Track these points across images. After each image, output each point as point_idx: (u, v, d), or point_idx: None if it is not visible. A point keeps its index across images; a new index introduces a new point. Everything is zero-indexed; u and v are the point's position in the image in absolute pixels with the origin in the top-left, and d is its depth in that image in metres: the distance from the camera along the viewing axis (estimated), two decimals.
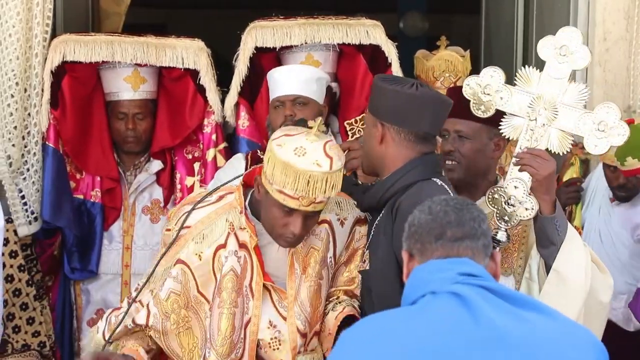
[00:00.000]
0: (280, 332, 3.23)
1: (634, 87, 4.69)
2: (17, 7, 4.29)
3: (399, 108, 3.06)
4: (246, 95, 4.55)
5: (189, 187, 4.59)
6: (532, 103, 3.30)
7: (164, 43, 4.50)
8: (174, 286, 3.19)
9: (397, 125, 3.07)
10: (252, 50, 4.46)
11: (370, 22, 4.50)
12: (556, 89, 3.32)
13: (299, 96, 4.03)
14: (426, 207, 2.33)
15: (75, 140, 4.53)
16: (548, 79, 3.33)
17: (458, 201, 2.33)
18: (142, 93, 4.56)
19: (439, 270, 2.24)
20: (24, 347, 4.24)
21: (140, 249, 4.60)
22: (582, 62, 3.35)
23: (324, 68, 4.51)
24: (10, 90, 4.32)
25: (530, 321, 2.19)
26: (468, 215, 2.29)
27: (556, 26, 5.11)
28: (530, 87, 3.34)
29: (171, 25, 10.19)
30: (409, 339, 2.15)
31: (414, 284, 2.26)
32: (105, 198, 4.58)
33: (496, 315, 2.16)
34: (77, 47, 4.43)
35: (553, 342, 2.18)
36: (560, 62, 3.33)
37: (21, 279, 4.30)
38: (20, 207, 4.40)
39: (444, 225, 2.28)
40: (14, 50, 4.30)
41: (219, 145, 4.57)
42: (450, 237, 2.27)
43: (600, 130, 3.29)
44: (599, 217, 4.53)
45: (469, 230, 2.28)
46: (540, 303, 2.29)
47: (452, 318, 2.17)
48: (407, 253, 2.33)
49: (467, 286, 2.20)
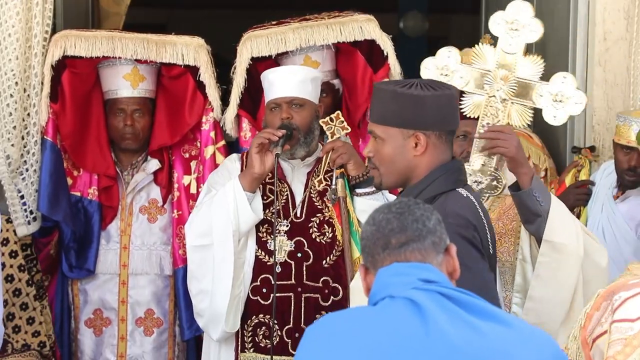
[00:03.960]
0: None
1: (634, 87, 4.68)
2: (16, 6, 4.30)
3: (441, 111, 2.95)
4: (246, 104, 4.55)
5: (186, 186, 4.59)
6: (490, 79, 3.31)
7: (164, 40, 4.51)
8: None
9: (439, 129, 2.95)
10: (248, 61, 4.46)
11: (363, 17, 4.49)
12: (511, 63, 3.33)
13: (295, 98, 4.03)
14: (371, 218, 2.31)
15: (73, 135, 4.53)
16: (502, 54, 3.34)
17: (400, 205, 2.29)
18: (141, 91, 4.56)
19: (400, 274, 2.23)
20: (24, 347, 4.24)
21: (137, 248, 4.59)
22: (534, 35, 3.37)
23: (323, 67, 4.52)
24: (9, 90, 4.33)
25: (484, 332, 2.16)
26: (410, 218, 2.26)
27: (556, 26, 5.15)
28: (486, 64, 3.35)
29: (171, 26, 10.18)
30: (364, 341, 2.16)
31: (378, 285, 2.25)
32: (102, 196, 4.57)
33: (449, 327, 2.15)
34: (77, 41, 4.43)
35: (507, 354, 2.15)
36: (512, 37, 3.35)
37: (21, 278, 4.30)
38: (19, 207, 4.40)
39: (387, 234, 2.25)
40: (14, 50, 4.31)
41: (218, 142, 4.57)
42: (395, 245, 2.25)
43: (558, 101, 3.31)
44: (602, 215, 4.52)
45: (412, 233, 2.25)
46: (498, 311, 2.26)
47: (404, 326, 2.16)
48: (364, 267, 2.32)
49: (424, 292, 2.19)
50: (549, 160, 4.88)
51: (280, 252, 4.04)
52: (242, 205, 3.93)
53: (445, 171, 2.94)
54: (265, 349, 4.04)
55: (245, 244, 4.04)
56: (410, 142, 2.93)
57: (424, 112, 2.92)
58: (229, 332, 4.05)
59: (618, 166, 4.41)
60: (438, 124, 2.94)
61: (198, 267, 4.05)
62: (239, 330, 4.07)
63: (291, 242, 4.05)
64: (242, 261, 4.03)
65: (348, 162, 3.93)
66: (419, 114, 2.92)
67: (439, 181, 2.93)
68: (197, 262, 4.05)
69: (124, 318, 4.59)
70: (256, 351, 4.08)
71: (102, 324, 4.60)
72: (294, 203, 4.10)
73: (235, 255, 3.96)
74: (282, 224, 4.07)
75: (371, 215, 2.32)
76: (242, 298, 4.04)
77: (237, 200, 3.93)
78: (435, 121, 2.93)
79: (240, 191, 3.94)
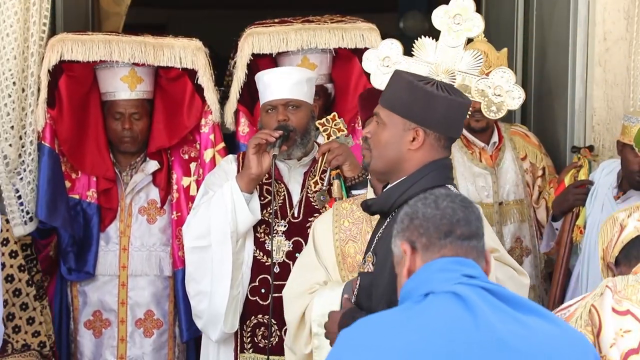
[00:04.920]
0: None
1: (634, 87, 4.67)
2: (14, 6, 4.29)
3: (449, 116, 2.95)
4: (245, 100, 4.56)
5: (185, 188, 4.59)
6: (431, 72, 3.33)
7: (161, 43, 4.50)
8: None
9: (441, 132, 2.94)
10: (249, 57, 4.46)
11: (365, 26, 4.50)
12: (452, 57, 3.35)
13: (291, 100, 4.03)
14: (431, 200, 2.28)
15: (71, 139, 4.52)
16: (444, 48, 3.36)
17: (462, 199, 2.30)
18: (138, 93, 4.56)
19: (443, 270, 2.22)
20: (24, 347, 4.24)
21: (137, 250, 4.59)
22: (476, 29, 3.39)
23: (319, 70, 4.53)
24: (7, 90, 4.32)
25: (529, 325, 2.17)
26: (473, 215, 2.27)
27: (556, 26, 5.14)
28: (427, 57, 3.37)
29: (171, 26, 10.18)
30: (409, 340, 2.13)
31: (417, 281, 2.23)
32: (102, 199, 4.57)
33: (496, 319, 2.15)
34: (74, 46, 4.42)
35: (552, 347, 2.16)
36: (455, 31, 3.37)
37: (21, 279, 4.30)
38: (16, 207, 4.40)
39: (453, 222, 2.24)
40: (12, 50, 4.30)
41: (217, 145, 4.56)
42: (459, 236, 2.24)
43: (497, 95, 3.34)
44: (602, 214, 4.51)
45: (475, 230, 2.26)
46: (539, 307, 2.26)
47: (453, 319, 2.14)
48: (409, 245, 2.27)
49: (468, 287, 2.18)
50: (546, 159, 4.88)
51: (279, 253, 4.04)
52: (239, 205, 3.93)
53: (437, 167, 2.94)
54: (264, 349, 4.04)
55: (243, 244, 4.04)
56: (409, 135, 2.92)
57: (432, 111, 2.92)
58: (228, 332, 4.05)
59: (627, 167, 4.35)
60: (441, 126, 2.93)
61: (196, 269, 4.04)
62: (238, 331, 4.08)
63: (289, 243, 4.05)
64: (241, 262, 4.03)
65: (344, 164, 3.93)
66: (427, 110, 2.92)
67: (432, 175, 2.93)
68: (195, 264, 4.04)
69: (123, 319, 4.58)
70: (255, 351, 4.08)
71: (102, 326, 4.60)
72: (291, 203, 4.10)
73: (233, 255, 3.97)
74: (280, 224, 4.07)
75: (429, 197, 2.28)
76: (241, 299, 4.04)
77: (234, 201, 3.93)
78: (439, 122, 2.93)
79: (237, 192, 3.94)
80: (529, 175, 4.82)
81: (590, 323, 2.67)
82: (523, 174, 4.80)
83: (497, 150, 4.77)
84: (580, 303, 2.74)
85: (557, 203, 4.59)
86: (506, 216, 4.73)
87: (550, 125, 5.20)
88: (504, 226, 4.71)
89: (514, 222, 4.75)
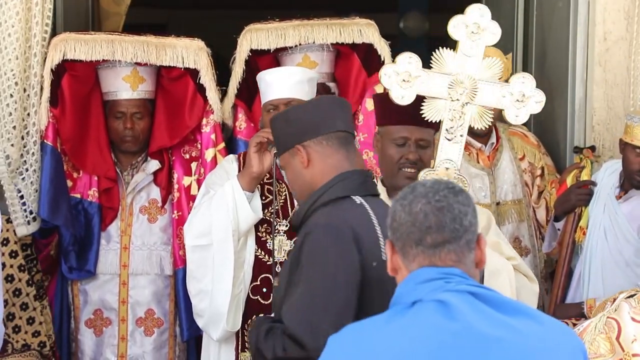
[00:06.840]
0: None
1: (634, 87, 4.68)
2: (16, 6, 4.30)
3: (309, 119, 3.03)
4: (244, 97, 4.58)
5: (186, 187, 4.59)
6: (452, 84, 3.33)
7: (164, 42, 4.51)
8: None
9: (315, 136, 3.01)
10: (248, 52, 4.48)
11: (363, 22, 4.52)
12: (472, 67, 3.35)
13: (292, 99, 4.04)
14: (407, 202, 2.23)
15: (73, 139, 4.53)
16: (463, 57, 3.37)
17: (440, 197, 2.21)
18: (140, 92, 4.57)
19: (429, 280, 2.20)
20: (24, 347, 4.25)
21: (138, 249, 4.60)
22: (494, 37, 3.40)
23: (320, 68, 4.53)
24: (9, 90, 4.33)
25: (516, 328, 2.16)
26: (449, 216, 2.20)
27: (556, 26, 5.15)
28: (446, 68, 3.37)
29: (172, 26, 10.17)
30: (395, 347, 2.15)
31: (405, 289, 2.23)
32: (103, 198, 4.57)
33: (483, 324, 2.15)
34: (77, 45, 4.43)
35: (539, 348, 2.16)
36: (473, 40, 3.37)
37: (21, 279, 4.30)
38: (19, 207, 4.40)
39: (423, 230, 2.20)
40: (14, 50, 4.31)
41: (219, 145, 4.57)
42: (430, 244, 2.20)
43: (519, 101, 3.35)
44: (604, 215, 4.51)
45: (449, 234, 2.20)
46: (527, 307, 2.26)
47: (437, 327, 2.15)
48: (390, 244, 2.27)
49: (454, 294, 2.18)
50: (545, 158, 4.88)
51: (280, 252, 4.04)
52: (241, 204, 3.94)
53: (345, 178, 2.98)
54: None
55: (245, 243, 4.05)
56: (297, 159, 3.03)
57: (291, 127, 3.04)
58: (230, 331, 4.05)
59: (628, 167, 4.35)
60: (309, 132, 3.02)
61: (197, 267, 4.05)
62: (239, 330, 4.08)
63: (291, 242, 4.05)
64: (242, 261, 4.03)
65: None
66: (289, 130, 3.04)
67: (337, 187, 2.97)
68: (196, 262, 4.05)
69: (124, 318, 4.59)
70: None
71: (103, 324, 4.60)
72: (292, 202, 4.10)
73: (235, 254, 3.97)
74: (282, 223, 4.08)
75: (407, 199, 2.24)
76: (243, 298, 4.05)
77: (236, 200, 3.94)
78: (304, 131, 3.02)
79: (239, 190, 3.94)
80: (527, 175, 4.82)
81: (605, 331, 2.74)
82: (521, 173, 4.80)
83: (495, 151, 4.77)
84: (593, 319, 2.82)
85: (559, 203, 4.59)
86: (504, 216, 4.74)
87: (550, 125, 5.20)
88: (502, 226, 4.70)
89: (512, 222, 4.76)
